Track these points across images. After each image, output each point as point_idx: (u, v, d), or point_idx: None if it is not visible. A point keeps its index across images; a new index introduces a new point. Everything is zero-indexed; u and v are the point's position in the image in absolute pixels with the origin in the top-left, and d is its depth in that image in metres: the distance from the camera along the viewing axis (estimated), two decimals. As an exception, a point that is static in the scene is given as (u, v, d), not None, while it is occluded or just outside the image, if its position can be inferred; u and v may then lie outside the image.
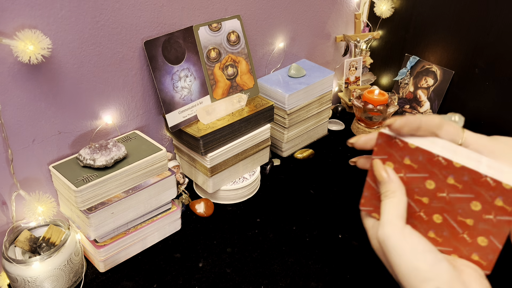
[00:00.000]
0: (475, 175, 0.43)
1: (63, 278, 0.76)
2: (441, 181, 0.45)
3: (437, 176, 0.46)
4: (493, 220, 0.43)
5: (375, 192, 0.51)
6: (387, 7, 1.28)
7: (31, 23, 0.72)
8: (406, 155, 0.47)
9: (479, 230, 0.44)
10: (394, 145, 0.47)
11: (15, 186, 0.79)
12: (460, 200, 0.45)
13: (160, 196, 0.86)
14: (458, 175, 0.45)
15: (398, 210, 0.46)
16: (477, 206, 0.44)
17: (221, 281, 0.80)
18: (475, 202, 0.44)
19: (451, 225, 0.46)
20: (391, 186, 0.47)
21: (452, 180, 0.45)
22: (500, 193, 0.42)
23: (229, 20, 0.97)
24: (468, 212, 0.45)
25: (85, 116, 0.85)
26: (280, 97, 1.06)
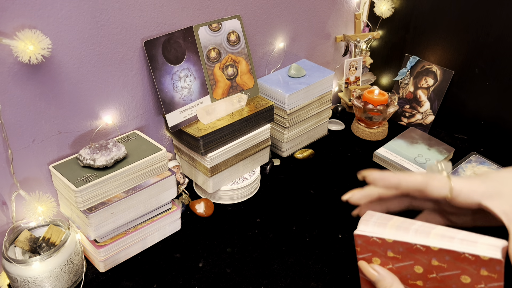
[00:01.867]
0: (454, 254, 0.46)
1: (63, 278, 0.76)
2: (426, 264, 0.47)
3: (421, 261, 0.48)
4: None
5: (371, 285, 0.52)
6: (387, 7, 1.28)
7: (31, 23, 0.72)
8: (388, 249, 0.49)
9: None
10: (373, 243, 0.49)
11: (15, 186, 0.79)
12: (450, 277, 0.47)
13: (160, 196, 0.86)
14: (439, 257, 0.47)
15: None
16: (467, 279, 0.46)
17: (221, 281, 0.80)
18: (464, 276, 0.46)
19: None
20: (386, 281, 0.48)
21: (436, 262, 0.47)
22: (481, 264, 0.45)
23: (229, 20, 0.97)
24: (461, 286, 0.46)
25: (85, 116, 0.85)
26: (280, 97, 1.06)
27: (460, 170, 1.03)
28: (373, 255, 0.50)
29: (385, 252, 0.49)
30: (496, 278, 0.45)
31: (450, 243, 0.46)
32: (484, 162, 1.05)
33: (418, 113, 1.28)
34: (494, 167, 1.03)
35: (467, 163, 1.05)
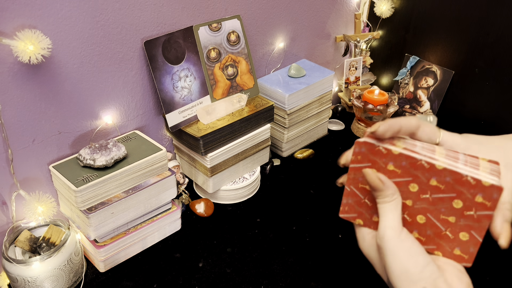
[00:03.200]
0: (457, 176, 0.46)
1: (63, 278, 0.76)
2: (424, 183, 0.48)
3: (420, 179, 0.48)
4: (474, 215, 0.46)
5: (359, 199, 0.53)
6: (387, 7, 1.28)
7: (31, 23, 0.72)
8: (390, 161, 0.49)
9: (461, 226, 0.47)
10: (377, 152, 0.49)
11: (15, 186, 0.79)
12: (442, 200, 0.47)
13: (160, 196, 0.86)
14: (440, 176, 0.47)
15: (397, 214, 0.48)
16: (459, 204, 0.47)
17: (221, 281, 0.80)
18: (457, 201, 0.47)
19: (434, 224, 0.48)
20: (389, 191, 0.48)
21: (435, 182, 0.47)
22: (480, 190, 0.45)
23: (229, 20, 0.97)
24: (451, 210, 0.47)
25: (85, 116, 0.85)
26: (280, 97, 1.06)
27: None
28: (372, 165, 0.50)
29: (385, 164, 0.49)
30: (489, 206, 0.45)
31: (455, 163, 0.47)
32: (484, 162, 1.05)
33: (418, 113, 1.28)
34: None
35: (467, 163, 1.05)
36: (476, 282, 0.83)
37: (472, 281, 0.72)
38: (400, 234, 0.47)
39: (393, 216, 0.48)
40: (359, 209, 0.53)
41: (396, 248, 0.46)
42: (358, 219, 0.53)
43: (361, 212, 0.53)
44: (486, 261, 0.84)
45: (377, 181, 0.49)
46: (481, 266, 0.83)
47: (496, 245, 0.85)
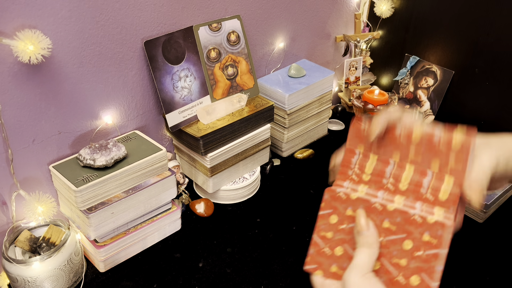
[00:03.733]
0: (406, 215, 0.48)
1: (63, 278, 0.76)
2: (378, 226, 0.49)
3: (375, 223, 0.50)
4: (423, 256, 0.46)
5: (319, 248, 0.55)
6: (387, 7, 1.28)
7: (31, 23, 0.72)
8: (349, 206, 0.51)
9: (411, 269, 0.47)
10: (338, 198, 0.52)
11: (15, 186, 0.79)
12: (394, 242, 0.48)
13: (160, 196, 0.86)
14: (392, 218, 0.49)
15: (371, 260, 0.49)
16: (409, 245, 0.47)
17: (221, 281, 0.80)
18: (407, 241, 0.47)
19: (387, 269, 0.49)
20: (371, 238, 0.50)
21: (387, 224, 0.49)
22: (427, 228, 0.46)
23: (229, 20, 0.97)
24: (402, 253, 0.48)
25: (85, 116, 0.85)
26: (280, 97, 1.06)
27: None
28: (333, 212, 0.53)
29: (344, 210, 0.52)
30: (435, 244, 0.46)
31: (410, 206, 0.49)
32: (484, 162, 1.05)
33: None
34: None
35: (467, 163, 1.05)
36: (476, 282, 0.83)
37: (472, 281, 0.73)
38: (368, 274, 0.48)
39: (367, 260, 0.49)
40: (319, 259, 0.55)
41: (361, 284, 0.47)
42: (319, 270, 0.55)
43: (320, 262, 0.54)
44: (486, 261, 0.84)
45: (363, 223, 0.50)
46: (481, 266, 0.83)
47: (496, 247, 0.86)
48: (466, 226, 0.93)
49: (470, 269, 0.82)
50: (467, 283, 0.79)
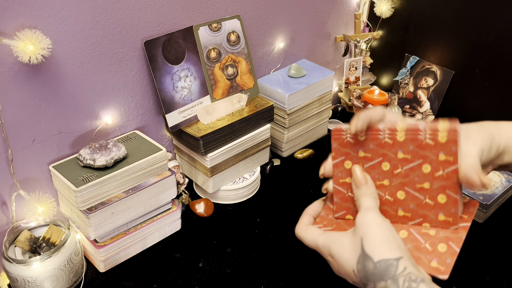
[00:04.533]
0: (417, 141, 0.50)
1: (63, 278, 0.76)
2: (393, 159, 0.51)
3: (389, 156, 0.52)
4: (443, 175, 0.49)
5: (343, 194, 0.56)
6: (387, 7, 1.28)
7: (31, 23, 0.72)
8: (360, 148, 0.53)
9: (436, 189, 0.49)
10: (347, 144, 0.54)
11: (15, 186, 0.79)
12: (413, 169, 0.50)
13: (160, 196, 0.86)
14: (404, 148, 0.51)
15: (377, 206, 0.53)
16: (427, 168, 0.50)
17: (221, 281, 0.80)
18: (425, 165, 0.50)
19: (414, 195, 0.51)
20: (371, 189, 0.53)
21: (402, 154, 0.51)
22: (440, 148, 0.48)
23: (229, 20, 0.97)
24: (423, 177, 0.50)
25: (85, 116, 0.85)
26: (280, 97, 1.06)
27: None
28: (345, 158, 0.55)
29: (356, 153, 0.54)
30: (452, 161, 0.48)
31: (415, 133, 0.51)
32: (484, 162, 1.05)
33: (418, 113, 1.28)
34: (494, 167, 1.03)
35: (467, 163, 1.05)
36: (476, 282, 0.83)
37: (472, 281, 0.73)
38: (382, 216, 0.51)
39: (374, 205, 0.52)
40: (346, 205, 0.56)
41: (380, 221, 0.50)
42: (348, 215, 0.56)
43: (347, 207, 0.56)
44: (486, 261, 0.84)
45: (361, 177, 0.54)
46: (481, 266, 0.83)
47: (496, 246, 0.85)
48: (466, 226, 0.93)
49: (470, 269, 0.82)
50: (467, 283, 0.79)
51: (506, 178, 1.00)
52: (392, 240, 0.49)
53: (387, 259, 0.47)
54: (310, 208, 0.63)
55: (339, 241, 0.53)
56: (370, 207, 0.52)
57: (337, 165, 0.56)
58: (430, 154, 0.49)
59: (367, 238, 0.49)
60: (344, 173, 0.56)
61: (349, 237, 0.52)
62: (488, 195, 0.95)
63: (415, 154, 0.50)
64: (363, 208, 0.52)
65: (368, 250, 0.49)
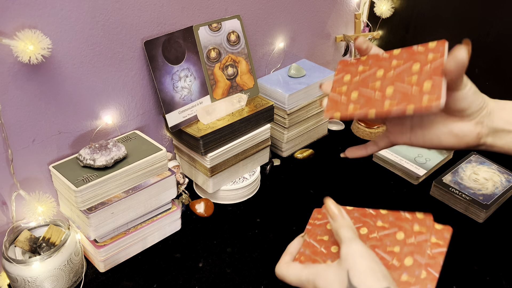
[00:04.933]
0: (397, 215, 0.57)
1: (63, 278, 0.76)
2: (372, 226, 0.57)
3: (368, 224, 0.58)
4: (414, 242, 0.53)
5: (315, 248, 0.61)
6: (387, 7, 1.28)
7: (31, 23, 0.72)
8: (359, 65, 0.57)
9: (405, 253, 0.53)
10: (350, 64, 0.58)
11: (15, 186, 0.79)
12: (387, 235, 0.55)
13: (160, 196, 0.86)
14: (384, 219, 0.58)
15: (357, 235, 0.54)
16: (417, 66, 0.52)
17: (221, 281, 0.80)
18: (399, 233, 0.55)
19: (402, 88, 0.52)
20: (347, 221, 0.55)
21: (380, 223, 0.57)
22: (416, 221, 0.55)
23: (229, 20, 0.97)
24: (395, 242, 0.54)
25: (85, 116, 0.85)
26: (280, 97, 1.06)
27: (460, 170, 1.03)
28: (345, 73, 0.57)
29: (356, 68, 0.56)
30: (425, 232, 0.53)
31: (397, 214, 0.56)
32: (484, 162, 1.05)
33: None
34: (494, 167, 1.03)
35: (467, 163, 1.05)
36: (476, 282, 0.83)
37: (472, 281, 0.74)
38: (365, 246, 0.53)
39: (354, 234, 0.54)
40: (314, 258, 0.59)
41: (364, 251, 0.51)
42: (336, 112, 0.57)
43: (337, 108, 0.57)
44: (486, 261, 0.84)
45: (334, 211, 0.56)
46: (481, 266, 0.83)
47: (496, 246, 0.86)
48: (466, 226, 0.93)
49: (470, 269, 0.82)
50: (467, 283, 0.79)
51: (506, 178, 1.00)
52: (378, 270, 0.49)
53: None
54: (291, 247, 0.63)
55: (324, 274, 0.53)
56: (351, 238, 0.53)
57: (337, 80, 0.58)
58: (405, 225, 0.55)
59: (353, 270, 0.50)
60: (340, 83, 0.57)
61: (334, 269, 0.52)
62: (488, 195, 0.95)
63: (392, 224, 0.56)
64: (345, 240, 0.53)
65: (355, 282, 0.49)
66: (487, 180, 0.99)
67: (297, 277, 0.56)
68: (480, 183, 0.98)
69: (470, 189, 0.96)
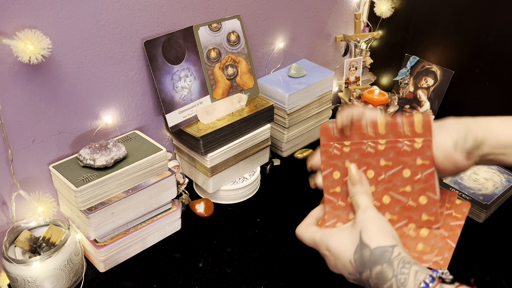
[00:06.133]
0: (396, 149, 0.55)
1: (63, 278, 0.76)
2: (376, 167, 0.56)
3: (372, 164, 0.58)
4: (422, 177, 0.53)
5: (333, 203, 0.60)
6: (387, 7, 1.28)
7: (31, 23, 0.72)
8: (346, 160, 0.58)
9: (417, 192, 0.54)
10: (334, 156, 0.59)
11: (15, 186, 0.79)
12: (395, 175, 0.55)
13: (160, 196, 0.86)
14: (385, 155, 0.57)
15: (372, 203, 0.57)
16: (408, 173, 0.54)
17: (221, 281, 0.80)
18: (405, 170, 0.54)
19: (397, 199, 0.55)
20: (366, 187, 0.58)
21: (383, 162, 0.56)
22: (417, 153, 0.53)
23: (229, 20, 0.97)
24: (404, 181, 0.54)
25: (85, 116, 0.85)
26: (280, 97, 1.06)
27: (460, 170, 1.03)
28: (333, 169, 0.59)
29: (343, 163, 0.58)
30: (428, 164, 0.53)
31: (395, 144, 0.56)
32: (484, 162, 1.05)
33: (418, 113, 1.28)
34: (494, 167, 1.03)
35: (467, 163, 1.05)
36: (476, 282, 0.83)
37: (472, 280, 0.74)
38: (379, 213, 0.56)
39: (371, 203, 0.56)
40: (336, 213, 0.60)
41: (377, 216, 0.55)
42: (339, 222, 0.60)
43: (337, 215, 0.60)
44: (486, 261, 0.84)
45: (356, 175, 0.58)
46: (481, 266, 0.83)
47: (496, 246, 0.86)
48: (466, 226, 0.93)
49: (470, 269, 0.82)
50: (467, 283, 0.79)
51: (506, 178, 1.00)
52: (388, 231, 0.53)
53: (383, 246, 0.51)
54: (314, 212, 0.66)
55: (337, 235, 0.57)
56: (368, 206, 0.56)
57: (326, 176, 0.60)
58: (408, 159, 0.54)
59: (365, 230, 0.53)
60: (333, 183, 0.60)
61: (347, 231, 0.56)
62: (488, 195, 0.95)
63: (395, 161, 0.55)
64: (362, 207, 0.56)
65: (366, 239, 0.53)
66: (487, 180, 0.99)
67: (311, 238, 0.60)
68: (480, 183, 0.98)
69: (470, 189, 0.97)
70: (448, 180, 0.99)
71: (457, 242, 0.53)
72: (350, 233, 0.55)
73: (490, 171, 1.02)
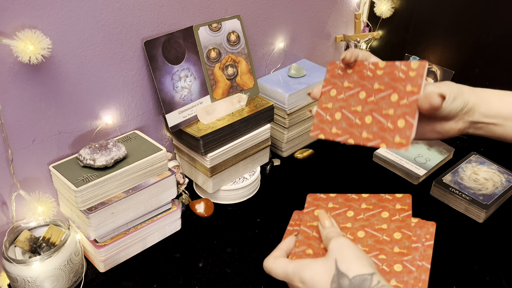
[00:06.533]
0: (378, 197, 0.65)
1: (63, 278, 0.76)
2: (369, 89, 0.59)
3: (353, 207, 0.66)
4: (407, 103, 0.56)
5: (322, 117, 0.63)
6: (387, 7, 1.28)
7: (31, 23, 0.72)
8: (345, 80, 0.62)
9: (398, 115, 0.56)
10: (337, 76, 0.63)
11: (15, 186, 0.79)
12: (383, 98, 0.58)
13: (160, 196, 0.86)
14: (367, 201, 0.66)
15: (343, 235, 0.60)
16: (395, 97, 0.57)
17: (221, 281, 0.80)
18: (394, 95, 0.57)
19: (379, 120, 0.57)
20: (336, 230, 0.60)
21: (377, 85, 0.59)
22: (409, 80, 0.57)
23: (229, 20, 0.97)
24: (389, 104, 0.57)
25: (85, 116, 0.85)
26: (280, 97, 1.06)
27: (460, 170, 1.03)
28: (332, 87, 0.63)
29: (342, 83, 0.62)
30: (416, 91, 0.55)
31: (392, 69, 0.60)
32: (484, 162, 1.05)
33: None
34: (494, 167, 1.03)
35: (467, 163, 1.05)
36: (476, 282, 0.83)
37: (472, 281, 0.75)
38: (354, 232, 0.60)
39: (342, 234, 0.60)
40: (321, 126, 0.63)
41: (351, 243, 0.55)
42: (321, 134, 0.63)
43: (322, 128, 0.62)
44: (486, 261, 0.84)
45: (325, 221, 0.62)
46: (481, 266, 0.83)
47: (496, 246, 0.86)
48: (466, 226, 0.93)
49: (470, 269, 0.82)
50: (467, 283, 0.79)
51: (506, 178, 1.00)
52: (364, 258, 0.53)
53: (362, 274, 0.51)
54: (283, 244, 0.65)
55: (310, 266, 0.55)
56: (339, 234, 0.59)
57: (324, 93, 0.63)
58: (399, 85, 0.57)
59: (340, 258, 0.53)
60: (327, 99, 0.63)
61: (321, 260, 0.55)
62: (488, 195, 0.95)
63: (388, 85, 0.58)
64: (334, 237, 0.58)
65: (343, 269, 0.52)
66: (487, 180, 0.99)
67: (283, 270, 0.58)
68: (480, 183, 0.98)
69: (470, 189, 0.96)
70: (448, 180, 0.99)
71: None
72: (324, 262, 0.54)
73: (490, 171, 1.02)
